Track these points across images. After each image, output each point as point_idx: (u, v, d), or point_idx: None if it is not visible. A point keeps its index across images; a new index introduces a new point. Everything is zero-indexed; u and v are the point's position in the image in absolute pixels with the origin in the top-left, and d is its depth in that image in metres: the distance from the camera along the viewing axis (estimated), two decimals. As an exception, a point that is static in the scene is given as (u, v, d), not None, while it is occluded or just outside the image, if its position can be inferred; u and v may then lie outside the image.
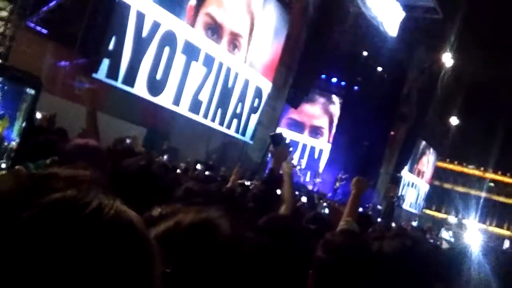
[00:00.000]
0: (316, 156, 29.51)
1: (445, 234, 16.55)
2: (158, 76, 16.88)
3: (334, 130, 29.84)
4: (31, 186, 0.96)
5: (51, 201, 0.92)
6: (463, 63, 29.01)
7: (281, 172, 4.02)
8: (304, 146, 29.21)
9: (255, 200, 3.60)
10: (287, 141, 3.95)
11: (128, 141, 9.15)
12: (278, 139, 3.82)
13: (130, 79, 15.81)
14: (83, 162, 1.22)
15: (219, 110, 19.97)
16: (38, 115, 9.25)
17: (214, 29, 19.00)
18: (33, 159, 3.40)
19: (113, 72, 15.02)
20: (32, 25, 13.46)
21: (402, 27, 25.97)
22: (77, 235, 0.88)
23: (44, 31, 13.64)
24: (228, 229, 1.35)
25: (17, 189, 0.97)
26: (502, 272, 3.24)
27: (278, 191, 4.50)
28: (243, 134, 21.65)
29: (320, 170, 27.88)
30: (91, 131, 4.25)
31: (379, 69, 27.62)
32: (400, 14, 25.63)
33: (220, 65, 19.54)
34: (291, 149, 3.99)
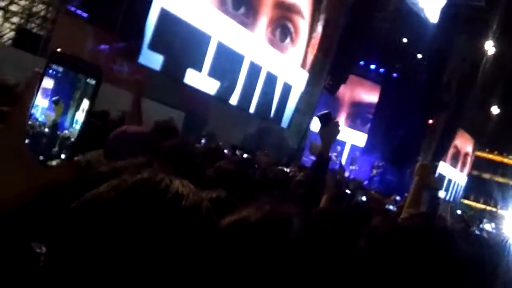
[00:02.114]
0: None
1: (488, 226, 16.19)
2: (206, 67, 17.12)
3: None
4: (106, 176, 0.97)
5: (129, 185, 0.93)
6: (505, 51, 28.40)
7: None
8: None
9: (303, 187, 3.51)
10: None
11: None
12: (325, 119, 3.65)
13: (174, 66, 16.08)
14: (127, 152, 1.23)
15: (258, 98, 20.05)
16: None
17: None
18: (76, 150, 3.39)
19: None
20: (72, 8, 13.59)
21: (443, 14, 25.53)
22: (157, 221, 0.90)
23: (85, 14, 13.76)
24: (301, 227, 1.33)
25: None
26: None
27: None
28: (279, 121, 21.65)
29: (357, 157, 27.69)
30: (135, 117, 4.31)
31: (419, 56, 27.25)
32: (441, 1, 25.20)
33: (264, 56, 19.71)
34: (340, 129, 3.82)
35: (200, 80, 17.25)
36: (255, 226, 1.29)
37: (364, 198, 7.01)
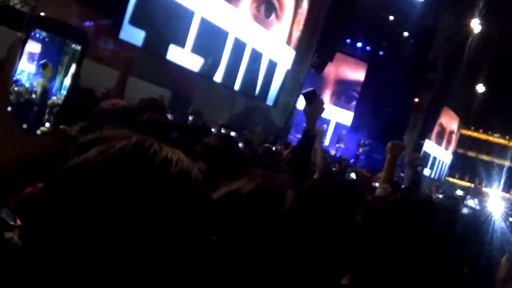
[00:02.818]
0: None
1: (471, 202, 16.45)
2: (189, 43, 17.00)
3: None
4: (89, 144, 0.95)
5: (117, 150, 0.91)
6: (491, 30, 28.47)
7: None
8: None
9: (290, 164, 3.55)
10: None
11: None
12: (311, 97, 3.68)
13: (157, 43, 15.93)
14: (112, 125, 1.21)
15: (242, 76, 19.99)
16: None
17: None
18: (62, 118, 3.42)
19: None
20: (56, -15, 13.41)
21: (430, -9, 25.51)
22: (145, 187, 0.89)
23: (69, -9, 13.59)
24: (293, 199, 1.33)
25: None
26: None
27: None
28: (265, 98, 21.61)
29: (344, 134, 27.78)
30: (118, 93, 4.30)
31: (405, 34, 27.23)
32: (428, -22, 25.16)
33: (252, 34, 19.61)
34: (324, 107, 3.84)
35: (183, 56, 17.11)
36: (247, 198, 1.29)
37: (353, 176, 7.04)
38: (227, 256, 1.19)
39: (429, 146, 33.79)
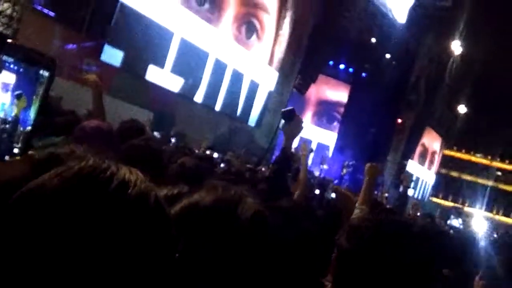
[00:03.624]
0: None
1: (455, 222, 16.55)
2: (169, 64, 17.01)
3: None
4: (44, 163, 0.93)
5: (73, 172, 0.89)
6: (471, 51, 28.83)
7: (293, 151, 3.96)
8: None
9: (267, 182, 3.54)
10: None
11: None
12: (289, 115, 3.69)
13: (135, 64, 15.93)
14: (95, 144, 1.19)
15: (223, 97, 20.03)
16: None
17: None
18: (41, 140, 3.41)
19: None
20: (39, 7, 13.41)
21: (411, 14, 25.81)
22: (101, 210, 0.86)
23: (52, 13, 13.59)
24: (251, 210, 1.32)
25: (30, 170, 0.94)
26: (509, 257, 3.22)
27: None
28: (246, 119, 21.64)
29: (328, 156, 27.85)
30: (98, 113, 4.28)
31: (388, 56, 27.48)
32: (409, 1, 25.46)
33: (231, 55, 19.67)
34: (303, 125, 3.85)
35: (163, 76, 17.12)
36: (206, 210, 1.28)
37: (333, 195, 7.03)
38: (188, 268, 1.18)
39: (412, 166, 33.97)
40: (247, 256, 1.24)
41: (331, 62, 27.57)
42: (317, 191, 10.97)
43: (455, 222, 16.68)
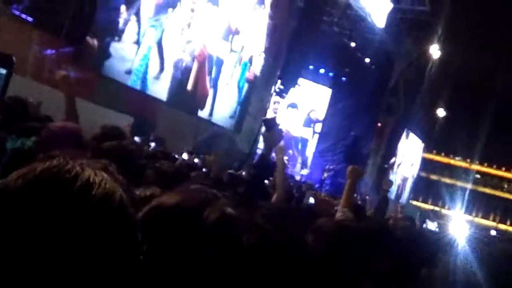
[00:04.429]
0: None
1: (431, 225, 16.67)
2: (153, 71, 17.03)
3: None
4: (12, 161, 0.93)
5: (37, 173, 0.88)
6: (450, 55, 29.06)
7: (273, 157, 4.00)
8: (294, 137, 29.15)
9: (245, 186, 3.57)
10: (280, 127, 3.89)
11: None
12: (270, 124, 3.78)
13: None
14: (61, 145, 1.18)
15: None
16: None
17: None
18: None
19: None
20: (17, 12, 13.31)
21: (389, 18, 25.97)
22: (65, 210, 0.86)
23: (30, 19, 13.49)
24: (217, 212, 1.31)
25: None
26: (488, 259, 3.25)
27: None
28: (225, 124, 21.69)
29: (308, 161, 27.92)
30: (70, 116, 4.22)
31: (367, 60, 27.63)
32: (387, 6, 25.61)
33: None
34: (283, 133, 3.93)
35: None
36: (169, 211, 1.28)
37: (312, 200, 7.04)
38: (153, 270, 1.18)
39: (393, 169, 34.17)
40: (211, 258, 1.24)
41: (311, 67, 27.66)
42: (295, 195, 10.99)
43: (431, 225, 16.80)
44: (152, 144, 11.65)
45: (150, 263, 1.14)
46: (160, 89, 17.86)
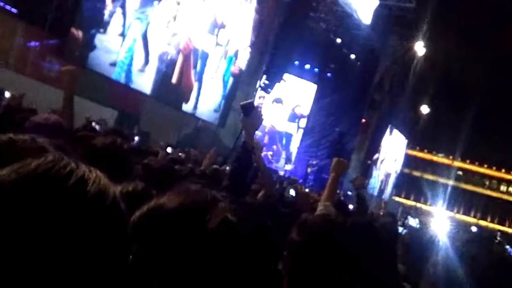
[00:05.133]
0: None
1: (412, 221, 16.76)
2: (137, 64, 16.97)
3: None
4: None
5: (31, 168, 0.89)
6: (434, 52, 29.23)
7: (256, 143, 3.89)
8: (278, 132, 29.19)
9: (229, 178, 3.53)
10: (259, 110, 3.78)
11: (96, 125, 9.04)
12: (248, 109, 3.66)
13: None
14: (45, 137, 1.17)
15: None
16: (7, 95, 9.10)
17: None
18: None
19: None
20: (1, 3, 13.19)
21: (375, 15, 26.01)
22: (59, 206, 0.86)
23: (14, 10, 13.38)
24: (219, 217, 1.29)
25: None
26: (468, 255, 3.28)
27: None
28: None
29: (293, 156, 27.96)
30: (67, 114, 4.10)
31: (352, 56, 27.68)
32: (374, 2, 25.66)
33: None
34: (263, 118, 3.86)
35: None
36: (169, 214, 1.27)
37: (292, 193, 7.04)
38: (148, 271, 1.18)
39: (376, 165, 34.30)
40: (210, 263, 1.24)
41: (296, 62, 27.67)
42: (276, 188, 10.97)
43: (413, 221, 16.89)
44: (136, 138, 11.60)
45: (145, 263, 1.14)
46: (144, 82, 17.77)
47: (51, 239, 0.85)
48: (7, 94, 9.01)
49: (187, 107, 20.22)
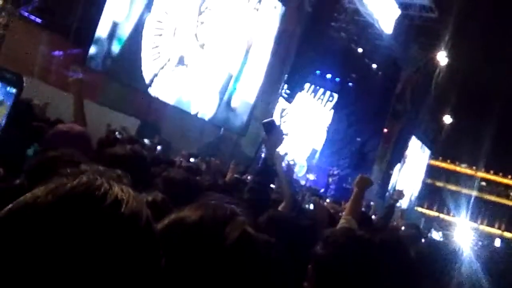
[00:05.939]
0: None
1: (435, 234, 16.58)
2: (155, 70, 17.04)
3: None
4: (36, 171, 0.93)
5: (67, 190, 0.89)
6: (457, 62, 29.03)
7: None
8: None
9: (250, 193, 3.52)
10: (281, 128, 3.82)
11: (117, 134, 9.11)
12: (270, 126, 3.66)
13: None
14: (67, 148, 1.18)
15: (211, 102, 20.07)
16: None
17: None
18: (21, 146, 3.37)
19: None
20: (26, 14, 13.37)
21: (397, 25, 25.96)
22: (95, 228, 0.87)
23: (38, 20, 13.55)
24: (237, 230, 1.30)
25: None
26: (494, 270, 3.22)
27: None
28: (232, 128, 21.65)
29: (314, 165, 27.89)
30: (79, 119, 4.21)
31: (374, 66, 27.62)
32: (395, 12, 25.62)
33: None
34: (285, 136, 3.85)
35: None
36: (190, 227, 1.27)
37: (312, 206, 6.98)
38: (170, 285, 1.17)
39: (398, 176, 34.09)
40: (229, 276, 1.24)
41: (318, 72, 27.66)
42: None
43: (436, 235, 16.71)
44: (159, 147, 11.64)
45: (166, 277, 1.14)
46: (166, 91, 17.85)
47: (87, 260, 0.85)
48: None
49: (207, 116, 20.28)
